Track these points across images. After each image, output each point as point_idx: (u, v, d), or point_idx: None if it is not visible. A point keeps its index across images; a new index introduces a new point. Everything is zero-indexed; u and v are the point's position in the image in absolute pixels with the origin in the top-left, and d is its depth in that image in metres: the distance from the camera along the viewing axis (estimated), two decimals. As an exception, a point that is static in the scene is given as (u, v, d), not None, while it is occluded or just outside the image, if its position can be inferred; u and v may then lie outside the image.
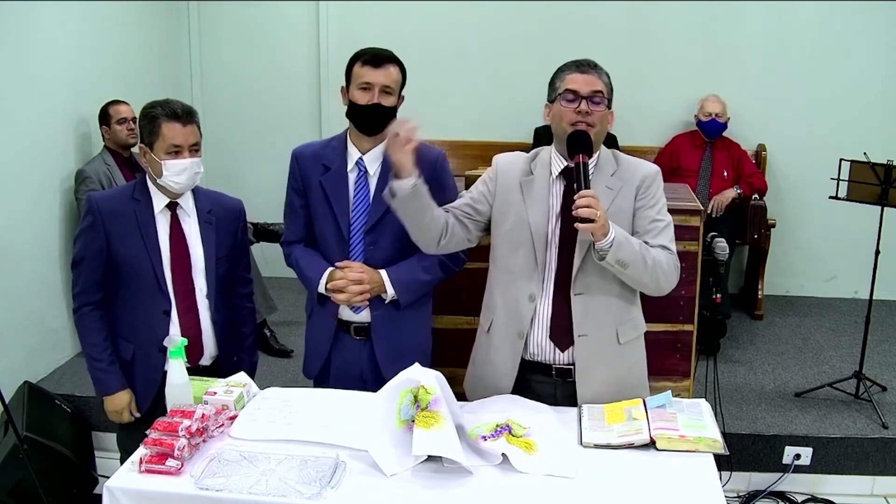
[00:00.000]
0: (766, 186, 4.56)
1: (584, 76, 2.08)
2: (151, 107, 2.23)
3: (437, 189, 2.29)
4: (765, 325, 4.55)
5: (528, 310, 2.11)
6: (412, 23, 4.93)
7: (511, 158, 2.24)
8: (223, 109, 5.07)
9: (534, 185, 2.14)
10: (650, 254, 2.02)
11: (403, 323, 2.38)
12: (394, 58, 2.28)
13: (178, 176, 2.21)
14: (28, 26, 3.61)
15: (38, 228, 3.72)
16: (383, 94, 2.24)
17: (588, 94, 2.06)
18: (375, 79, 2.22)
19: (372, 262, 2.32)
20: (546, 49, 4.90)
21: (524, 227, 2.12)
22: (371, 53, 2.25)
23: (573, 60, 2.14)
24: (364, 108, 2.24)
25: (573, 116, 2.06)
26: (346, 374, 2.39)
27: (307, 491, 1.69)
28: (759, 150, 4.83)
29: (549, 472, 1.78)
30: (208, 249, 2.32)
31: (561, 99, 2.09)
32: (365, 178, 2.32)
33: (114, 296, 2.30)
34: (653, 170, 2.15)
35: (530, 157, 2.21)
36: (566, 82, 2.09)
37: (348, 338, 2.39)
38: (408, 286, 2.33)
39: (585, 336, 2.10)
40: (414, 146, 2.01)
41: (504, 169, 2.20)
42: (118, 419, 2.34)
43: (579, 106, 2.06)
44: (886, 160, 3.44)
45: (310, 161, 2.36)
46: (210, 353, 2.37)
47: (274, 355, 4.04)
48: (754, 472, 3.27)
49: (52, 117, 3.82)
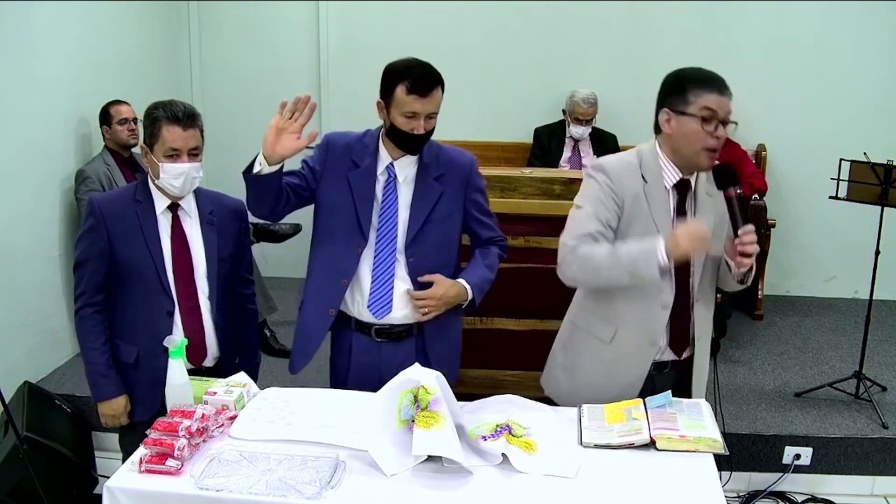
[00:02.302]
0: (766, 186, 4.55)
1: (723, 99, 2.04)
2: (154, 108, 2.21)
3: (474, 196, 2.33)
4: (765, 325, 4.55)
5: (662, 318, 2.15)
6: (412, 23, 4.93)
7: (622, 166, 2.13)
8: (223, 109, 5.06)
9: (654, 194, 2.11)
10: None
11: (451, 324, 2.39)
12: (440, 79, 2.19)
13: (175, 179, 2.20)
14: (28, 26, 3.61)
15: (38, 228, 3.71)
16: (427, 121, 2.19)
17: (724, 117, 2.03)
18: (423, 109, 2.15)
19: (414, 273, 2.28)
20: (546, 49, 4.92)
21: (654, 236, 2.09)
22: (419, 79, 2.13)
23: (708, 76, 2.07)
24: (409, 136, 2.19)
25: (711, 142, 2.03)
26: (366, 378, 2.31)
27: (307, 491, 1.69)
28: (759, 150, 4.83)
29: (549, 472, 1.78)
30: (210, 251, 2.31)
31: (695, 117, 2.02)
32: (394, 185, 2.28)
33: (116, 298, 2.29)
34: None
35: (636, 164, 2.13)
36: (705, 100, 2.02)
37: (369, 340, 2.33)
38: (483, 287, 2.35)
39: (700, 339, 2.22)
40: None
41: (622, 177, 2.11)
42: (113, 423, 2.33)
43: (717, 130, 2.02)
44: (886, 160, 3.44)
45: (341, 151, 2.29)
46: (213, 354, 2.36)
47: (274, 355, 4.04)
48: (754, 472, 3.27)
49: (52, 117, 3.82)
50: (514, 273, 2.92)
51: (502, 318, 3.10)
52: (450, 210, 2.31)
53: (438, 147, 2.33)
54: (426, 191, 2.28)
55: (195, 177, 2.24)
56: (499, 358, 3.12)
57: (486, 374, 3.12)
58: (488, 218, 2.42)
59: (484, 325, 3.10)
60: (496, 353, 3.10)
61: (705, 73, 2.08)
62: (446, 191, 2.29)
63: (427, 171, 2.29)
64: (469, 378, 3.05)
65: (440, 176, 2.29)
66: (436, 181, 2.28)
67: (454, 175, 2.30)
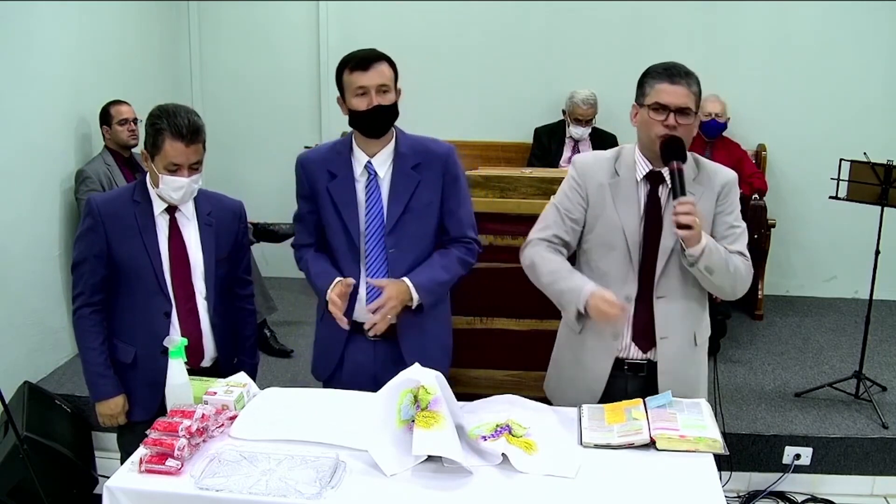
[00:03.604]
0: (766, 186, 4.56)
1: (675, 87, 2.05)
2: (158, 116, 2.16)
3: (450, 184, 2.31)
4: (765, 325, 4.55)
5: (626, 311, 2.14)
6: (412, 22, 4.93)
7: (591, 160, 2.23)
8: (223, 109, 5.07)
9: (621, 186, 2.14)
10: (732, 261, 2.09)
11: (426, 322, 2.35)
12: (381, 55, 2.23)
13: (175, 192, 2.19)
14: (28, 26, 3.61)
15: (38, 228, 3.72)
16: (381, 94, 2.20)
17: (677, 107, 2.04)
18: (369, 81, 2.18)
19: (396, 266, 2.28)
20: (546, 49, 4.92)
21: (617, 230, 2.13)
22: (358, 58, 2.20)
23: (664, 66, 2.10)
24: (366, 114, 2.20)
25: (662, 129, 2.05)
26: (359, 375, 2.34)
27: (307, 491, 1.69)
28: (759, 150, 4.83)
29: (549, 472, 1.78)
30: (208, 253, 2.31)
31: (649, 109, 2.07)
32: (376, 182, 2.28)
33: (114, 298, 2.29)
34: (732, 176, 2.18)
35: (612, 158, 2.20)
36: (656, 92, 2.07)
37: (362, 339, 2.34)
38: (431, 289, 2.29)
39: (666, 339, 2.16)
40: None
41: (588, 171, 2.19)
42: (111, 423, 2.33)
43: (667, 120, 2.04)
44: (886, 160, 3.44)
45: (316, 167, 2.32)
46: (210, 355, 2.36)
47: (274, 355, 4.04)
48: (754, 472, 3.27)
49: (52, 117, 3.82)
50: (513, 273, 2.91)
51: (502, 318, 3.10)
52: (429, 199, 2.30)
53: (414, 138, 2.35)
54: (403, 180, 2.28)
55: (195, 188, 2.23)
56: (499, 358, 3.11)
57: (486, 374, 3.12)
58: (462, 212, 2.37)
59: (484, 325, 3.10)
60: (496, 353, 3.10)
61: (663, 64, 2.10)
62: (424, 179, 2.29)
63: (404, 162, 2.29)
64: (469, 378, 3.05)
65: (417, 165, 2.29)
66: (413, 170, 2.29)
67: (431, 163, 2.30)
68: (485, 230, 2.91)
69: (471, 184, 3.03)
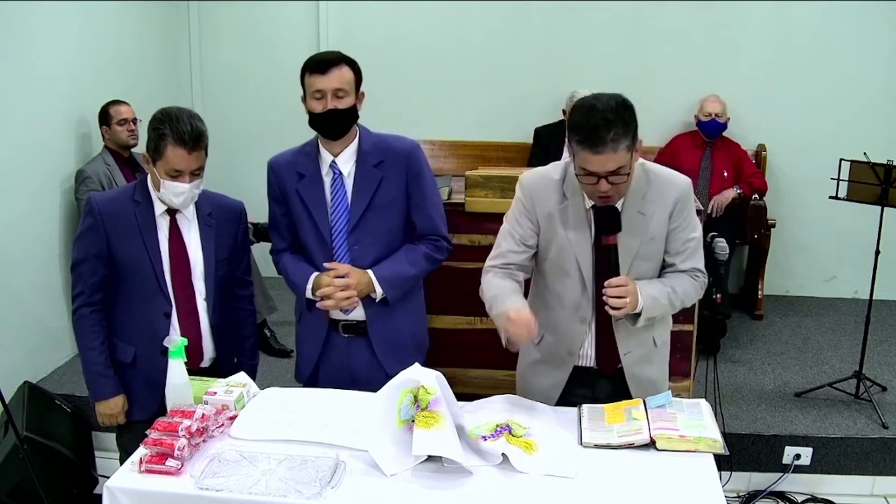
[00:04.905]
0: (766, 186, 4.56)
1: (599, 157, 1.88)
2: (161, 121, 2.14)
3: (413, 180, 2.32)
4: (765, 325, 4.55)
5: (581, 332, 2.15)
6: (412, 22, 4.92)
7: (540, 183, 2.11)
8: (223, 109, 5.06)
9: (569, 212, 2.09)
10: (678, 296, 2.09)
11: (397, 316, 2.38)
12: (342, 58, 2.23)
13: (176, 197, 2.19)
14: (28, 26, 3.61)
15: (38, 228, 3.72)
16: (336, 99, 2.21)
17: (606, 173, 1.91)
18: (326, 85, 2.19)
19: (359, 262, 2.31)
20: (546, 49, 4.92)
21: (570, 257, 2.10)
22: (316, 60, 2.22)
23: (585, 129, 1.88)
24: (321, 116, 2.23)
25: (594, 195, 1.98)
26: (337, 373, 2.38)
27: (307, 491, 1.69)
28: (759, 150, 4.83)
29: (549, 472, 1.78)
30: (208, 253, 2.31)
31: (579, 168, 1.95)
32: (341, 180, 2.31)
33: (114, 298, 2.29)
34: (685, 186, 2.09)
35: (560, 180, 2.09)
36: (581, 159, 1.92)
37: (338, 336, 2.39)
38: (395, 282, 2.33)
39: (630, 353, 2.16)
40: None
41: (537, 196, 2.10)
42: (111, 423, 2.34)
43: (598, 185, 1.92)
44: (886, 160, 3.44)
45: (284, 170, 2.36)
46: (209, 355, 2.36)
47: (274, 355, 4.04)
48: (754, 472, 3.27)
49: (52, 117, 3.82)
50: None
51: (502, 318, 3.10)
52: (392, 196, 2.32)
53: (378, 136, 2.36)
54: (366, 177, 2.30)
55: (196, 193, 2.23)
56: (498, 358, 3.11)
57: (486, 374, 3.12)
58: (429, 206, 2.37)
59: (484, 324, 3.09)
60: (496, 353, 3.09)
61: (585, 125, 1.88)
62: (387, 176, 2.30)
63: (367, 160, 2.31)
64: (469, 378, 3.05)
65: (380, 163, 2.31)
66: (375, 168, 2.31)
67: (394, 160, 2.31)
68: (485, 230, 2.91)
69: (471, 184, 3.04)
